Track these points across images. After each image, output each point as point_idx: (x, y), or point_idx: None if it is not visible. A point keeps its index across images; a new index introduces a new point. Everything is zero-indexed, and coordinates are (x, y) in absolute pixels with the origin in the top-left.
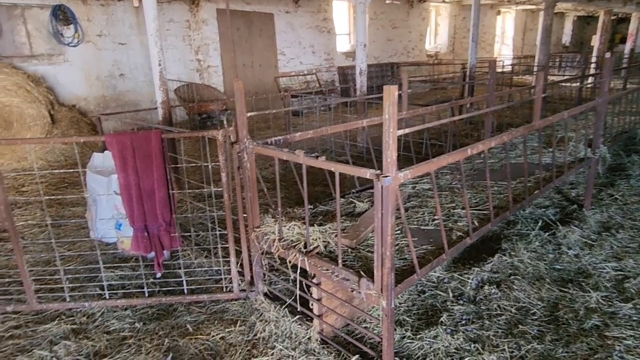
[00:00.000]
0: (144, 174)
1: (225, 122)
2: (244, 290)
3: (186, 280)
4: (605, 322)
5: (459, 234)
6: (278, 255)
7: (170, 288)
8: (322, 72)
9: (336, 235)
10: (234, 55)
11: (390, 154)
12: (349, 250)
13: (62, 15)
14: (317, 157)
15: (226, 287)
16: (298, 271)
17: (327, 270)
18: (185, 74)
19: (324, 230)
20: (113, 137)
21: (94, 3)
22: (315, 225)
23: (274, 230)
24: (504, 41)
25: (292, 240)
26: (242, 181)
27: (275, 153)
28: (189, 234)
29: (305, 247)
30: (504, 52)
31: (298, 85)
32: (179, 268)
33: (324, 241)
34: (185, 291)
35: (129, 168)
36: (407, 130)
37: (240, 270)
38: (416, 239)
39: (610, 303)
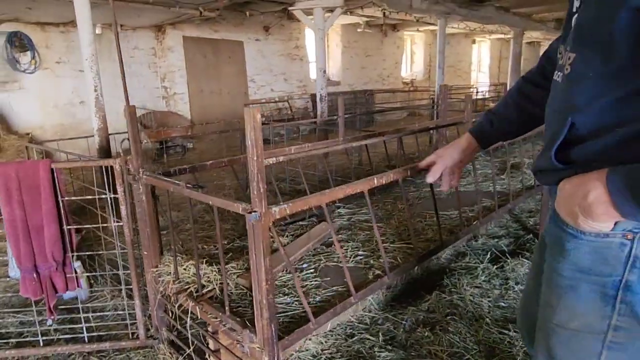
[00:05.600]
0: (31, 208)
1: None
2: (151, 337)
3: (96, 326)
4: None
5: (377, 272)
6: (173, 299)
7: (74, 335)
8: (295, 99)
9: (238, 276)
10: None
11: (256, 185)
12: (249, 293)
13: (17, 42)
14: (198, 189)
15: (133, 333)
16: (189, 318)
17: (216, 318)
18: (151, 102)
19: (224, 271)
20: None
21: (53, 30)
22: (213, 264)
23: (170, 271)
24: (481, 69)
25: (187, 282)
26: (141, 215)
27: (166, 184)
28: (104, 272)
29: (197, 290)
30: (481, 79)
31: (269, 112)
32: (94, 311)
33: (220, 283)
34: (86, 339)
35: (14, 202)
36: (273, 159)
37: (151, 313)
38: (329, 278)
39: None
